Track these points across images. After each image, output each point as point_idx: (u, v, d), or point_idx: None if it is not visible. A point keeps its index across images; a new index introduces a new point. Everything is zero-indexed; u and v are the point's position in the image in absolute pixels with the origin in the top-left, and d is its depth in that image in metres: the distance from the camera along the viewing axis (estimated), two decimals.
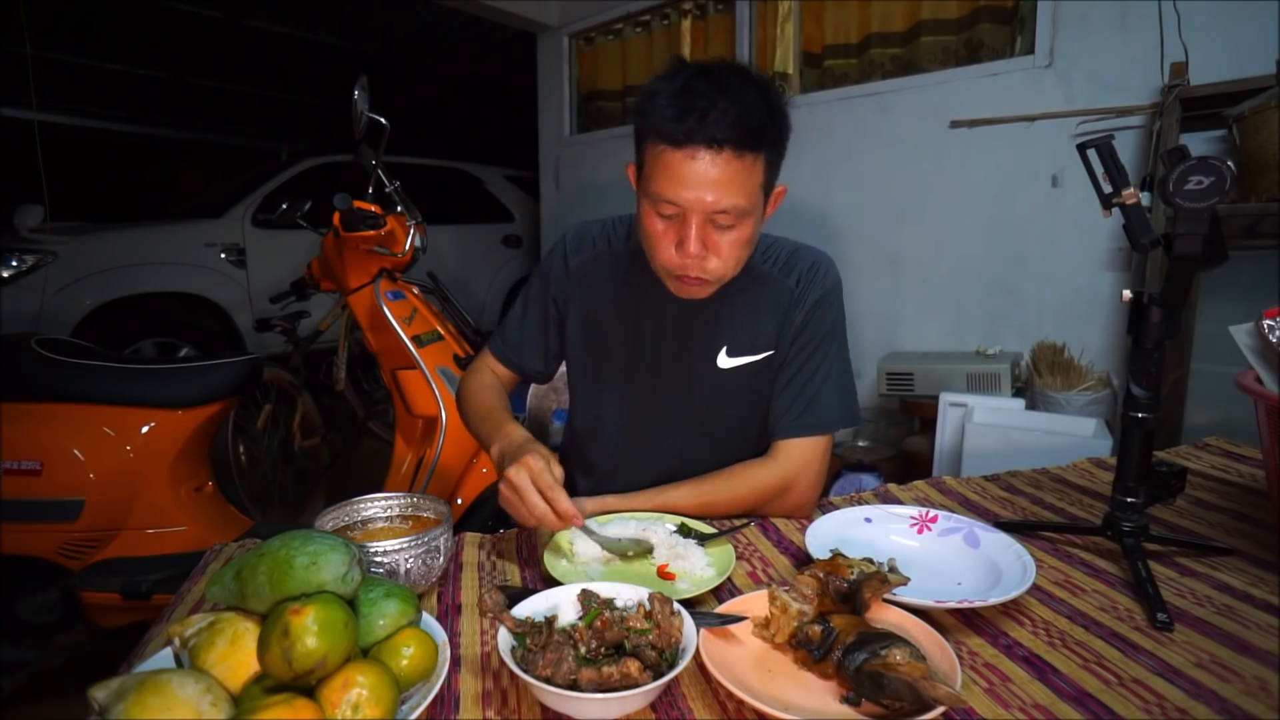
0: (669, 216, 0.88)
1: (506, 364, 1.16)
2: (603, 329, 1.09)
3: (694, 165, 0.83)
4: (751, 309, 1.03)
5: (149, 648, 0.70)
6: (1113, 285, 2.47)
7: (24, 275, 3.38)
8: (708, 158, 0.82)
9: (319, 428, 2.82)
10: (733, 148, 0.82)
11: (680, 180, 0.83)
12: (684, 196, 0.84)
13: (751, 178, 0.85)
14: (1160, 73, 2.29)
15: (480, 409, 1.05)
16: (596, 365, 1.11)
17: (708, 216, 0.86)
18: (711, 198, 0.83)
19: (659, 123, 0.84)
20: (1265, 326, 0.79)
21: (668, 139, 0.83)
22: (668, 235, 0.89)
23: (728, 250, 0.89)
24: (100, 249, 3.70)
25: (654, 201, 0.87)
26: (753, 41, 3.48)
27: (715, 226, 0.87)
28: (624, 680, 0.57)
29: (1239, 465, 1.18)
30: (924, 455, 2.50)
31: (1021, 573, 0.76)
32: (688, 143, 0.82)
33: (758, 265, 1.04)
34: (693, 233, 0.86)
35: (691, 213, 0.85)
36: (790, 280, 1.03)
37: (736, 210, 0.85)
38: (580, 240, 1.10)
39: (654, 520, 0.93)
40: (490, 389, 1.10)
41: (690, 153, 0.82)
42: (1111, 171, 0.81)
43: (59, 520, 1.70)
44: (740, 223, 0.88)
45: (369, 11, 5.39)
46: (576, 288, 1.09)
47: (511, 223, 5.40)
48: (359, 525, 0.85)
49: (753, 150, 0.84)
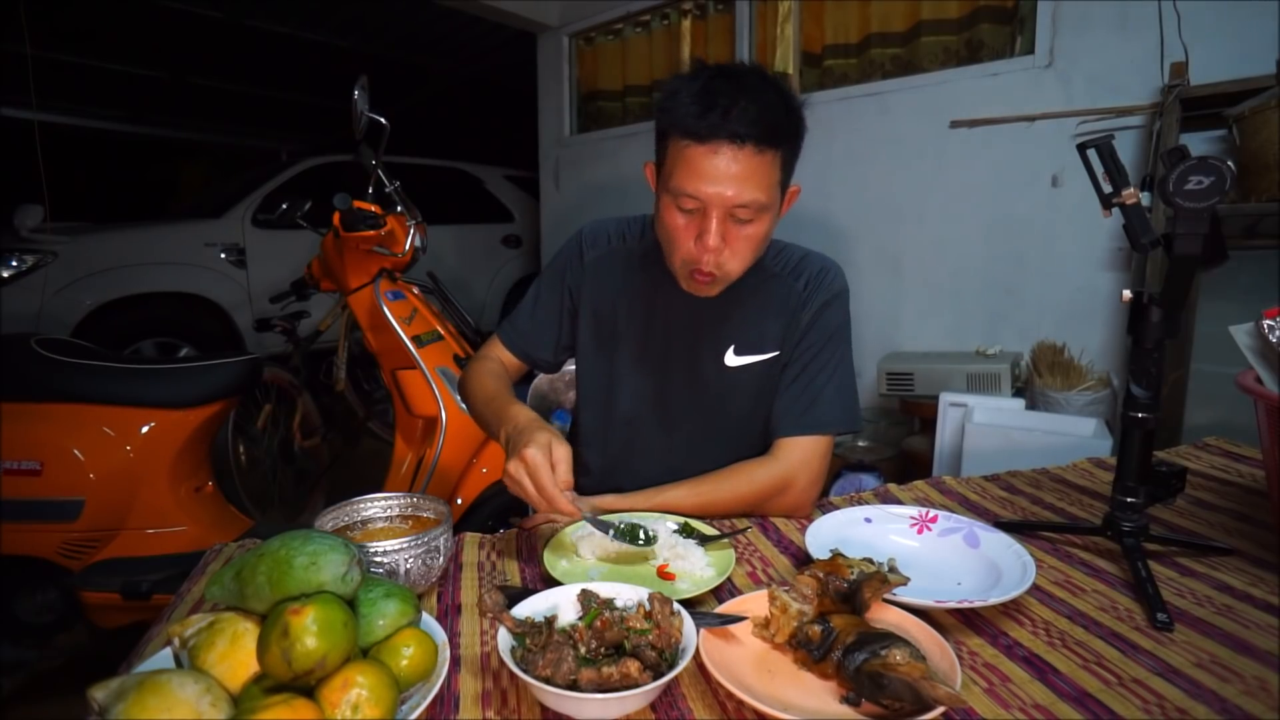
0: (690, 211, 0.90)
1: (515, 352, 1.16)
2: (614, 323, 1.10)
3: (716, 160, 0.85)
4: (760, 309, 1.05)
5: (149, 648, 0.70)
6: (1113, 285, 2.47)
7: (24, 275, 3.37)
8: (729, 152, 0.85)
9: (319, 428, 2.82)
10: (754, 143, 0.85)
11: (702, 174, 0.86)
12: (705, 190, 0.86)
13: (770, 174, 0.88)
14: (1160, 73, 2.29)
15: (484, 392, 1.06)
16: (606, 359, 1.12)
17: (728, 211, 0.88)
18: (732, 192, 0.86)
19: (682, 119, 0.86)
20: (1265, 326, 0.79)
21: (691, 134, 0.86)
22: (689, 230, 0.91)
23: (744, 246, 0.91)
24: (100, 249, 3.70)
25: (675, 196, 0.90)
26: (753, 41, 3.48)
27: (734, 221, 0.89)
28: (624, 680, 0.57)
29: (1239, 465, 1.18)
30: (924, 455, 2.50)
31: (1021, 573, 0.76)
32: (711, 138, 0.85)
33: (768, 267, 1.06)
34: (713, 226, 0.88)
35: (712, 206, 0.87)
36: (799, 284, 1.06)
37: (756, 205, 0.88)
38: (596, 236, 1.13)
39: (655, 520, 0.93)
40: (494, 375, 1.10)
41: (713, 148, 0.85)
42: (1111, 171, 0.81)
43: (59, 520, 1.70)
44: (758, 218, 0.90)
45: (369, 11, 5.40)
46: (590, 281, 1.11)
47: (511, 223, 5.40)
48: (359, 525, 0.85)
49: (772, 147, 0.87)
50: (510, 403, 0.98)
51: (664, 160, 0.92)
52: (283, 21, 5.61)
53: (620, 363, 1.11)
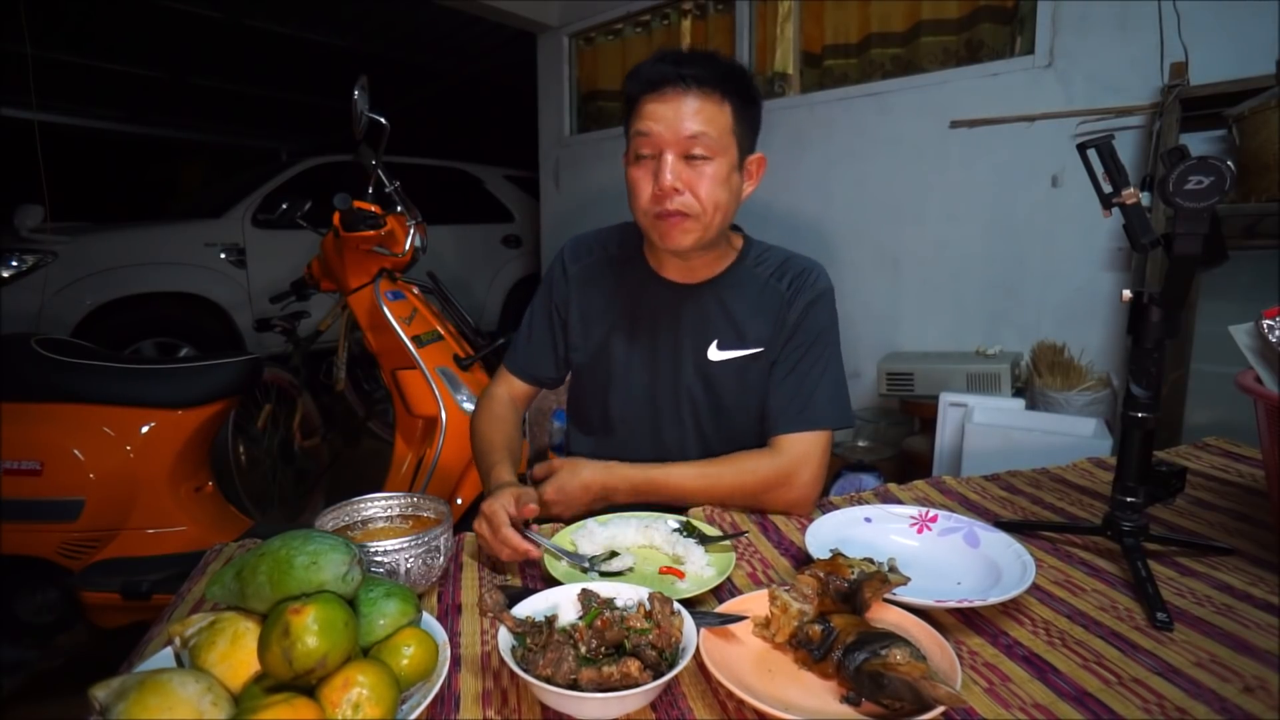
0: (647, 157, 0.96)
1: (522, 376, 1.21)
2: (602, 328, 1.14)
3: (665, 101, 0.94)
4: (742, 306, 1.08)
5: (149, 647, 0.70)
6: (1113, 285, 2.47)
7: (24, 275, 3.37)
8: (677, 92, 0.93)
9: (319, 428, 2.82)
10: (699, 85, 0.93)
11: (653, 115, 0.94)
12: (655, 127, 0.94)
13: (720, 116, 0.94)
14: (1160, 73, 2.29)
15: (482, 443, 1.12)
16: (596, 362, 1.15)
17: (680, 150, 0.94)
18: (681, 125, 0.93)
19: (637, 78, 0.96)
20: (1265, 326, 0.79)
21: (645, 85, 0.95)
22: (646, 177, 0.97)
23: (703, 185, 0.95)
24: (100, 249, 3.69)
25: (633, 143, 0.97)
26: (753, 41, 3.48)
27: (688, 161, 0.94)
28: (624, 680, 0.57)
29: (1239, 465, 1.18)
30: (924, 455, 2.50)
31: (1021, 572, 0.76)
32: (661, 83, 0.94)
33: (750, 268, 1.10)
34: (667, 164, 0.94)
35: (665, 145, 0.94)
36: (782, 284, 1.08)
37: (706, 141, 0.93)
38: (578, 250, 1.19)
39: (655, 519, 0.93)
40: (499, 420, 1.15)
41: (662, 92, 0.94)
42: (1111, 171, 0.81)
43: (59, 520, 1.70)
44: (714, 156, 0.95)
45: (369, 11, 5.39)
46: (576, 292, 1.16)
47: (511, 223, 5.40)
48: (359, 525, 0.85)
49: (719, 92, 0.94)
50: (496, 464, 1.04)
51: (629, 125, 0.99)
52: (283, 21, 5.61)
53: (610, 365, 1.14)
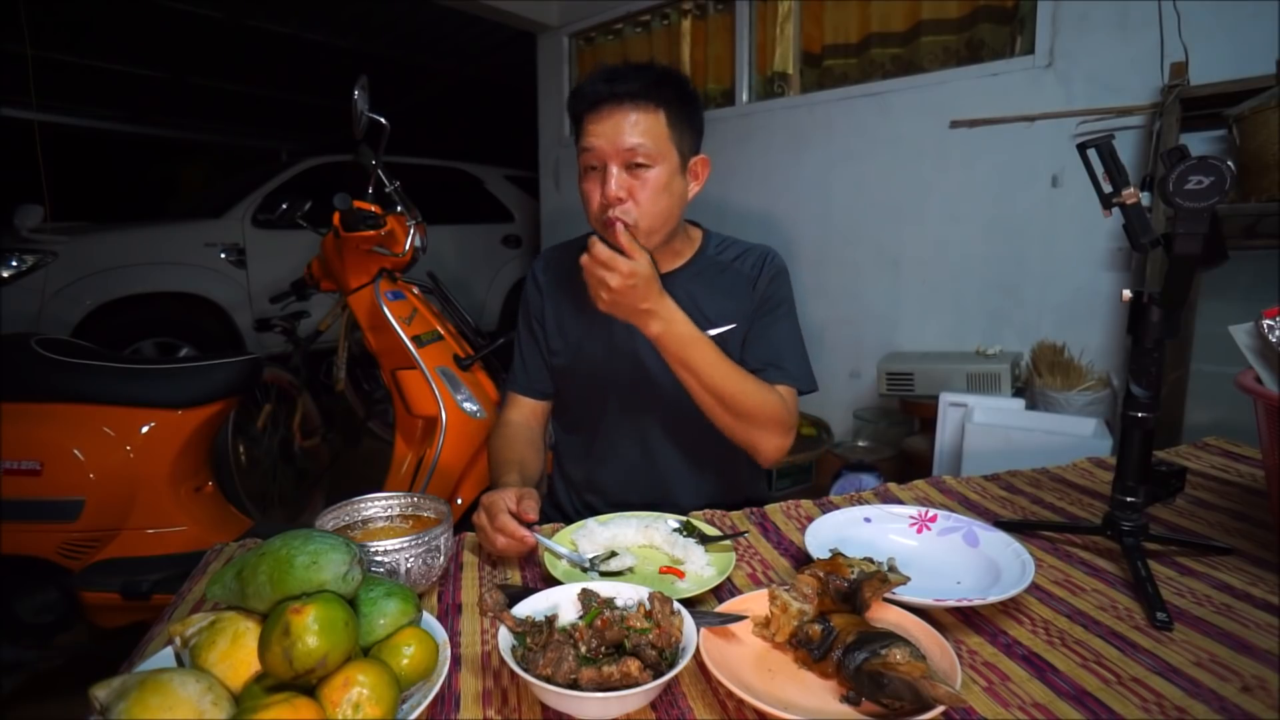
0: (593, 169, 1.04)
1: (528, 394, 1.25)
2: (577, 329, 1.19)
3: (604, 117, 1.01)
4: (709, 291, 1.15)
5: (150, 647, 0.71)
6: (1113, 285, 2.47)
7: (24, 275, 3.37)
8: (612, 108, 1.01)
9: (319, 428, 2.82)
10: (631, 99, 1.00)
11: (594, 131, 1.02)
12: (597, 142, 1.01)
13: (656, 126, 1.02)
14: (1160, 73, 2.29)
15: (495, 458, 1.16)
16: (576, 363, 1.19)
17: (622, 160, 1.01)
18: (620, 138, 1.00)
19: (578, 97, 1.04)
20: (1265, 326, 0.80)
21: (585, 104, 1.03)
22: (595, 188, 1.04)
23: (645, 195, 1.02)
24: (100, 249, 3.69)
25: (581, 159, 1.05)
26: (753, 41, 3.48)
27: (631, 170, 1.02)
28: (624, 679, 0.57)
29: (1239, 465, 1.18)
30: (924, 455, 2.50)
31: (1020, 571, 0.76)
32: (598, 101, 1.02)
33: (713, 257, 1.19)
34: (612, 175, 1.01)
35: (608, 157, 1.01)
36: (745, 265, 1.18)
37: (644, 150, 1.00)
38: (547, 261, 1.26)
39: (655, 519, 0.93)
40: (508, 439, 1.19)
41: (599, 110, 1.02)
42: (1111, 171, 0.81)
43: (59, 520, 1.70)
44: (654, 163, 1.01)
45: (369, 11, 5.39)
46: (549, 300, 1.22)
47: (511, 223, 5.39)
48: (359, 525, 0.85)
49: (652, 103, 1.01)
50: (504, 474, 1.08)
51: (577, 144, 1.06)
52: (283, 21, 5.61)
53: (590, 360, 1.18)
